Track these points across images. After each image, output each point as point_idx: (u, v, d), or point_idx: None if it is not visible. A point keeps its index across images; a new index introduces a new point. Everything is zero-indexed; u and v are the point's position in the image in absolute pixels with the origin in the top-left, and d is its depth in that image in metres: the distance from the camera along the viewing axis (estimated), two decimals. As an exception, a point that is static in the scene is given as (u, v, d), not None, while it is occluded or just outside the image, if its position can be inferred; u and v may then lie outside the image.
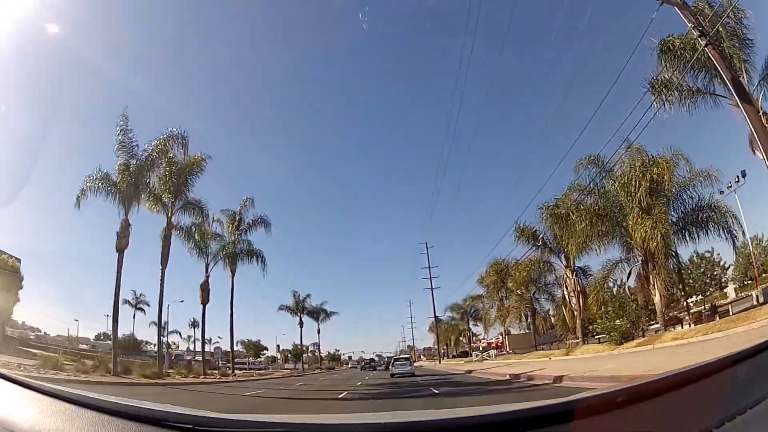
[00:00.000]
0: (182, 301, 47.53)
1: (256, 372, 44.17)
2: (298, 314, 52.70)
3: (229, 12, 61.59)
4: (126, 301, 44.54)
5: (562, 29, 42.54)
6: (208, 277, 26.62)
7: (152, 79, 61.21)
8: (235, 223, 28.26)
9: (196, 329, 60.38)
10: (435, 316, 54.04)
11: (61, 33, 19.24)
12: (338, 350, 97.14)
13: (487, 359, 35.56)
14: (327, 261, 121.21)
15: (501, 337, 57.33)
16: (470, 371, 19.34)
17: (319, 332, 62.24)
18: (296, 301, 52.50)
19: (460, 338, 67.62)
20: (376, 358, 65.60)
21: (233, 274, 29.36)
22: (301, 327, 51.84)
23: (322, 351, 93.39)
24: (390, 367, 25.99)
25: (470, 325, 58.99)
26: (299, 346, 60.86)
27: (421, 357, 66.33)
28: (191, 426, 1.34)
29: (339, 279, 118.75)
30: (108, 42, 50.14)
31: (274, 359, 77.63)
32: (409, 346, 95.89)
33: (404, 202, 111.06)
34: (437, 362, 49.52)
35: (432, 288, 51.28)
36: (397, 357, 28.64)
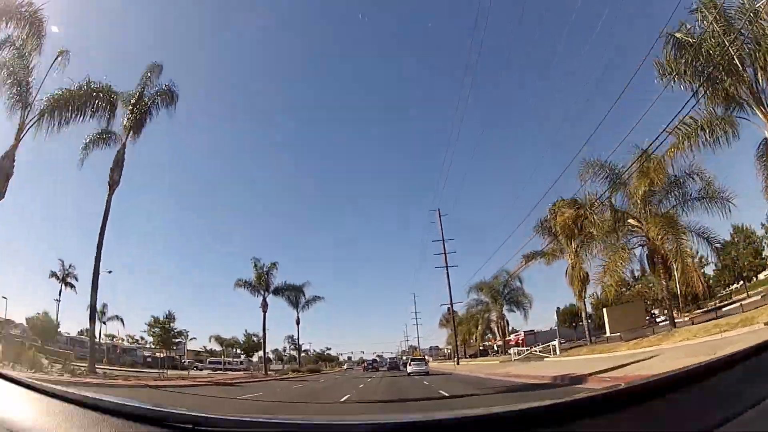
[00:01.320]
0: (110, 272, 36.58)
1: (215, 373, 38.43)
2: (261, 293, 41.30)
3: (228, 10, 74.09)
4: (52, 274, 38.80)
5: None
6: (17, 143, 17.64)
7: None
8: (132, 103, 22.49)
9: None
10: (451, 302, 44.98)
11: (62, 32, 21.54)
12: (329, 348, 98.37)
13: (547, 357, 27.92)
14: (323, 253, 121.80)
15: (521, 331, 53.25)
16: (589, 376, 11.76)
17: (298, 323, 50.50)
18: (258, 273, 41.17)
19: (488, 330, 58.27)
20: (378, 359, 70.91)
21: (113, 190, 22.02)
22: (265, 311, 41.31)
23: (311, 349, 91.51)
24: (407, 366, 34.11)
25: (504, 311, 48.24)
26: (252, 337, 49.02)
27: (426, 357, 65.97)
28: (191, 426, 1.43)
29: (335, 274, 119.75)
30: (108, 42, 60.49)
31: (268, 359, 75.74)
32: (411, 346, 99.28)
33: (409, 185, 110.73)
34: (454, 363, 43.70)
35: (447, 266, 43.06)
36: (414, 358, 38.80)
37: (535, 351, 32.74)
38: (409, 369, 32.16)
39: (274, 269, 41.53)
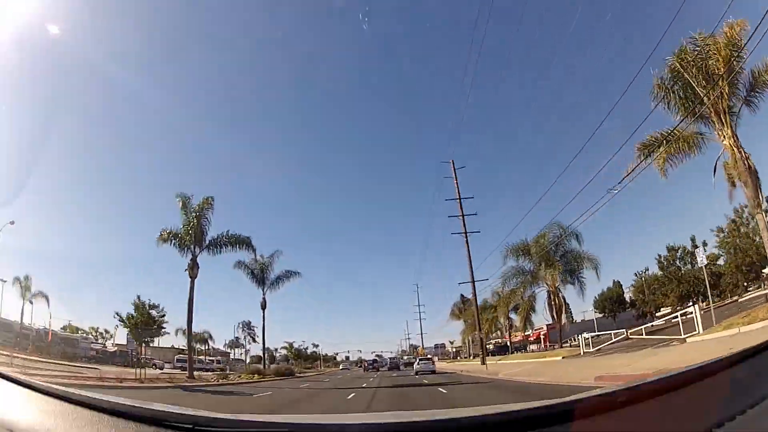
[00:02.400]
0: (12, 223, 33.29)
1: (179, 373, 36.23)
2: (190, 248, 33.06)
3: (228, 11, 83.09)
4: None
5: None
6: None
7: (150, 77, 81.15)
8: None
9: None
10: (472, 279, 38.83)
11: (62, 33, 23.37)
12: (316, 346, 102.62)
13: (676, 338, 22.08)
14: (320, 253, 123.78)
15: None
16: None
17: (263, 307, 42.39)
18: (189, 218, 33.06)
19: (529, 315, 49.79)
20: (378, 359, 78.00)
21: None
22: (193, 276, 32.66)
23: (302, 347, 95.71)
24: (414, 365, 42.88)
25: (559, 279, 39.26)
26: (150, 310, 38.04)
27: (431, 357, 67.29)
28: (191, 426, 1.64)
29: (335, 274, 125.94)
30: (107, 42, 67.91)
31: (259, 358, 77.42)
32: (413, 345, 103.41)
33: (410, 171, 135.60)
34: (480, 363, 38.46)
35: (465, 232, 38.20)
36: (421, 357, 46.92)
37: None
38: (416, 367, 41.21)
39: (208, 209, 33.04)
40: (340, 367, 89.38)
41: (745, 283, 46.34)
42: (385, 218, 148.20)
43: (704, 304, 43.76)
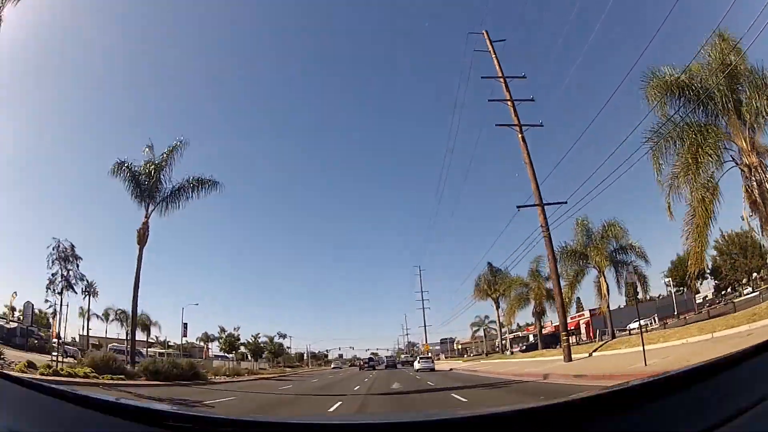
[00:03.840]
0: None
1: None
2: None
3: (227, 12, 72.20)
4: None
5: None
6: None
7: (150, 78, 75.86)
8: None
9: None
10: (540, 197, 30.93)
11: (62, 33, 25.51)
12: (283, 336, 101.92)
13: None
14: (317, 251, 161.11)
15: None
16: None
17: (142, 241, 30.49)
18: None
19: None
20: (374, 357, 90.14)
21: None
22: None
23: (224, 331, 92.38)
24: (415, 364, 57.06)
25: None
26: None
27: (432, 356, 70.28)
28: (190, 426, 1.97)
29: (332, 270, 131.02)
30: (106, 41, 70.55)
31: (243, 356, 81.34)
32: (410, 342, 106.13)
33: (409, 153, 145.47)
34: (564, 361, 28.83)
35: (519, 123, 32.30)
36: (422, 356, 64.37)
37: None
38: (417, 366, 53.68)
39: None
40: (332, 366, 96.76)
41: None
42: (384, 215, 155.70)
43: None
